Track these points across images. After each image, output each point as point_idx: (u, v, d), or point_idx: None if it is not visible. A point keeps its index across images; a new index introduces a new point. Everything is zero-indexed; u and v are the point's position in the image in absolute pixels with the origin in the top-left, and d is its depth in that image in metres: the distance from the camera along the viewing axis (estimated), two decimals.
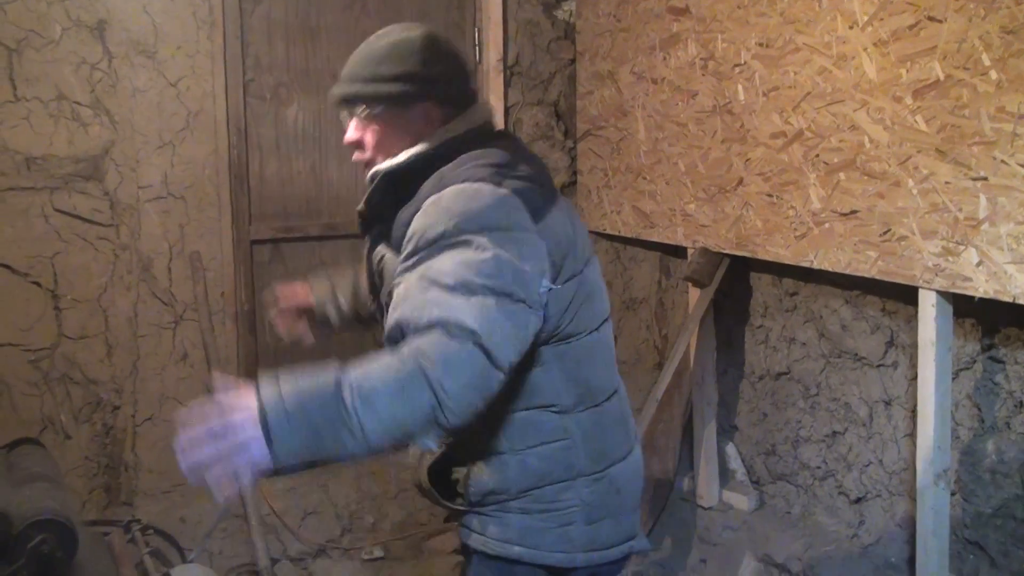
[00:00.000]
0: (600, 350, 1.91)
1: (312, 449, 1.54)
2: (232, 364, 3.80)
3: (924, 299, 2.70)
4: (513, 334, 1.64)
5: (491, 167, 1.78)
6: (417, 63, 1.86)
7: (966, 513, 2.84)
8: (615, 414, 1.93)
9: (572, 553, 1.85)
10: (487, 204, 1.70)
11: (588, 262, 1.91)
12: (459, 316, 1.58)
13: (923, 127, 2.63)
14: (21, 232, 3.38)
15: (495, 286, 1.62)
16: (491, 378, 1.60)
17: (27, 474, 2.90)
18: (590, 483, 1.86)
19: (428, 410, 1.54)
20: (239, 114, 3.75)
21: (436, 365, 1.54)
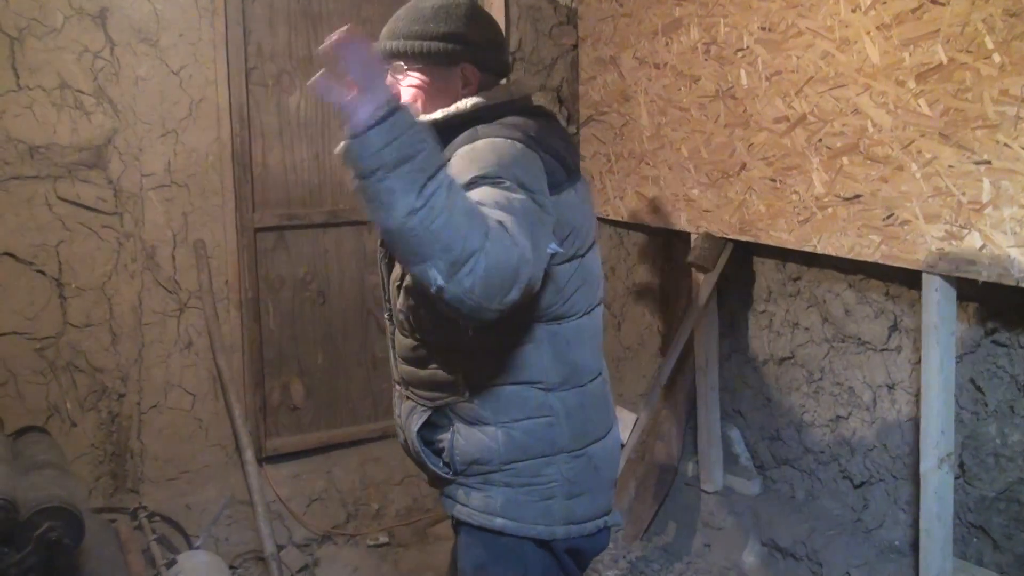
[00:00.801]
0: (590, 333, 1.95)
1: (388, 164, 1.45)
2: (237, 351, 3.81)
3: (927, 283, 2.70)
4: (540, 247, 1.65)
5: (523, 133, 1.80)
6: (462, 25, 1.90)
7: (969, 497, 2.84)
8: (598, 395, 1.98)
9: (552, 526, 1.90)
10: (519, 158, 1.72)
11: (591, 248, 1.93)
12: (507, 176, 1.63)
13: (926, 111, 2.62)
14: (25, 221, 3.39)
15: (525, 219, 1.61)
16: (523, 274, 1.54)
17: (34, 462, 2.91)
18: (570, 460, 1.91)
19: (475, 245, 1.45)
20: (242, 102, 3.75)
21: (512, 226, 1.53)
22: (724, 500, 3.65)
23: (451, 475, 1.93)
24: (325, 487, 3.91)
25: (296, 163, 3.92)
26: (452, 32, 1.89)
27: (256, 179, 3.83)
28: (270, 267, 3.91)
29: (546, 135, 1.85)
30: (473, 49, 1.91)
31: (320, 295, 4.02)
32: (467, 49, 1.90)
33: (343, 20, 3.92)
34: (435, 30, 1.89)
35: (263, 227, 3.86)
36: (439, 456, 1.95)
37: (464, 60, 1.91)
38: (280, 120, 3.88)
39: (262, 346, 3.90)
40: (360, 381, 4.12)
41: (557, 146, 1.85)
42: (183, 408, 3.74)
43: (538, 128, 1.85)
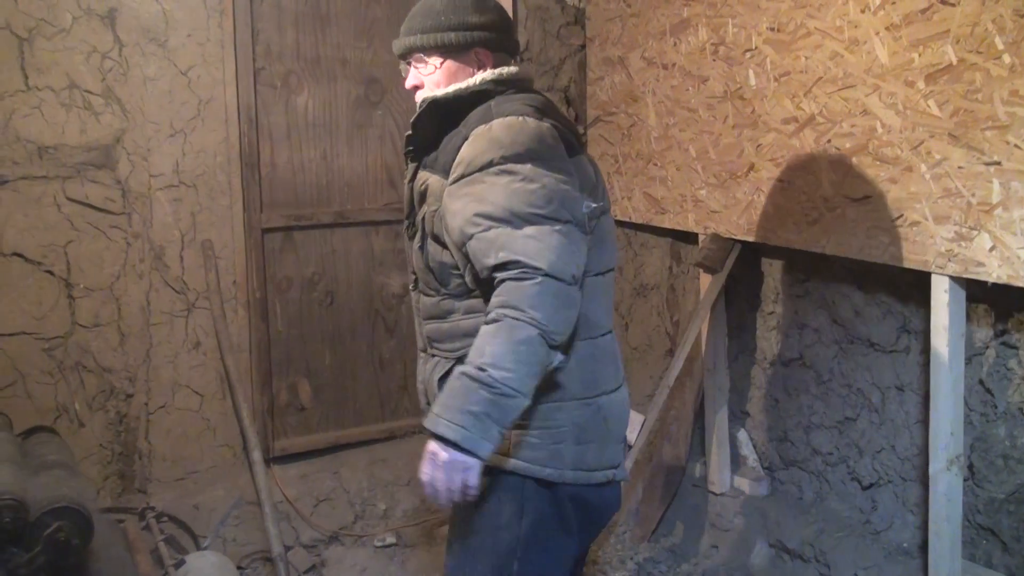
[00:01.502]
0: (602, 292, 2.10)
1: (497, 431, 1.82)
2: (244, 352, 3.82)
3: (937, 285, 2.70)
4: (570, 251, 1.86)
5: (533, 107, 2.01)
6: (470, 13, 2.11)
7: (979, 499, 2.83)
8: (608, 350, 2.11)
9: (562, 469, 2.02)
10: (532, 135, 1.92)
11: (605, 212, 2.10)
12: (521, 255, 1.83)
13: (936, 112, 2.61)
14: (34, 221, 3.40)
15: (547, 213, 1.86)
16: (568, 293, 1.85)
17: (43, 462, 2.92)
18: (580, 407, 2.04)
19: (539, 339, 1.81)
20: (250, 102, 3.75)
21: (523, 307, 1.80)
22: (732, 501, 3.65)
23: None
24: (333, 488, 3.91)
25: (304, 163, 3.93)
26: (462, 21, 2.09)
27: (264, 179, 3.84)
28: (278, 267, 3.91)
29: (551, 110, 2.07)
30: (483, 33, 2.10)
31: (328, 295, 4.02)
32: (477, 34, 2.10)
33: (351, 21, 3.93)
34: (447, 22, 2.09)
35: (271, 227, 3.87)
36: None
37: (476, 45, 2.11)
38: (288, 120, 3.88)
39: (270, 346, 3.91)
40: (368, 382, 4.12)
41: (561, 120, 2.05)
42: (191, 408, 3.74)
43: (544, 103, 2.09)
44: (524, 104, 2.02)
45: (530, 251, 1.82)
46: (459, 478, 1.83)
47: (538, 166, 1.89)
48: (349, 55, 3.97)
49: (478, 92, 2.07)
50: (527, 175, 1.87)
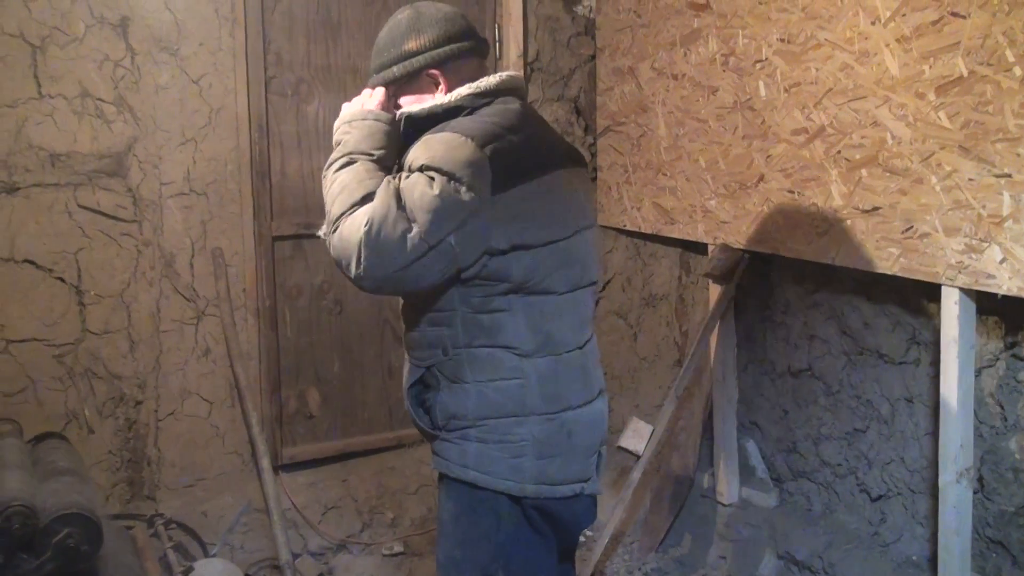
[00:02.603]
0: (570, 311, 2.12)
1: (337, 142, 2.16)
2: (254, 359, 3.82)
3: (947, 296, 2.69)
4: (394, 243, 1.92)
5: (492, 124, 2.02)
6: (405, 41, 2.14)
7: (988, 512, 2.82)
8: (574, 367, 2.13)
9: (522, 483, 2.07)
10: (464, 159, 1.93)
11: (573, 234, 2.11)
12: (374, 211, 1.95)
13: (946, 123, 2.61)
14: (45, 228, 3.41)
15: (419, 217, 1.92)
16: (412, 249, 1.92)
17: (52, 468, 2.92)
18: (542, 422, 2.07)
19: (336, 214, 2.02)
20: (261, 111, 3.76)
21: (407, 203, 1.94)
22: (740, 512, 3.64)
23: (433, 429, 2.13)
24: (341, 496, 3.91)
25: (314, 172, 3.93)
26: (400, 53, 2.14)
27: (274, 188, 3.85)
28: (287, 275, 3.92)
29: (511, 129, 2.04)
30: (426, 54, 2.12)
31: (337, 304, 4.02)
32: (422, 56, 2.13)
33: (362, 30, 3.94)
34: (389, 57, 2.16)
35: (281, 235, 3.87)
36: (428, 413, 2.15)
37: (426, 66, 2.13)
38: (299, 129, 3.89)
39: (279, 354, 3.91)
40: (376, 390, 4.12)
41: (517, 140, 2.03)
42: (200, 415, 3.75)
43: (503, 122, 2.05)
44: (486, 122, 2.03)
45: (379, 212, 1.94)
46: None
47: (447, 184, 1.92)
48: (360, 64, 3.98)
49: (454, 108, 2.09)
50: (436, 183, 1.93)
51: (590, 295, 2.21)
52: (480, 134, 1.97)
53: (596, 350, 2.26)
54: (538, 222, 2.02)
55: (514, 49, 4.19)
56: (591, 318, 2.24)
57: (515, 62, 4.19)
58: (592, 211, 2.28)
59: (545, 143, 2.13)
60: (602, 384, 2.26)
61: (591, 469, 2.18)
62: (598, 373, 2.25)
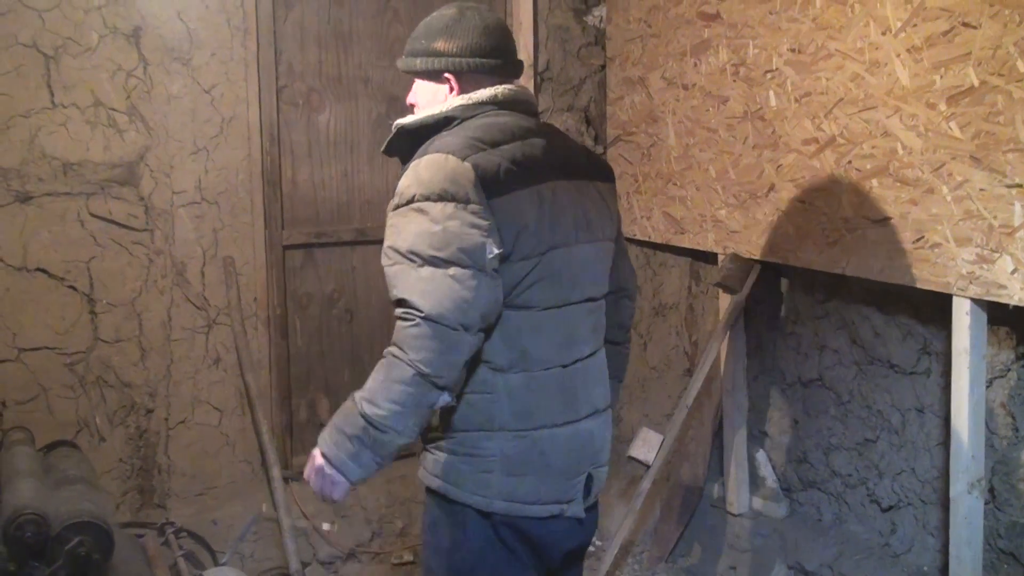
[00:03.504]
0: (552, 327, 2.05)
1: (370, 456, 1.91)
2: (264, 368, 3.83)
3: (958, 307, 2.69)
4: (462, 297, 1.86)
5: (470, 139, 1.98)
6: (439, 38, 2.12)
7: (1000, 523, 2.81)
8: (552, 385, 2.06)
9: (490, 499, 2.03)
10: (448, 175, 1.91)
11: (560, 248, 2.05)
12: (411, 296, 1.87)
13: (957, 134, 2.61)
14: (58, 237, 3.43)
15: (445, 256, 1.87)
16: (452, 338, 1.86)
17: (64, 476, 2.94)
18: (512, 438, 2.02)
19: (418, 380, 1.85)
20: (272, 120, 3.78)
21: (404, 347, 1.86)
22: (750, 522, 3.63)
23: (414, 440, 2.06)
24: (350, 505, 3.91)
25: (325, 181, 3.95)
26: (431, 46, 2.12)
27: (285, 197, 3.86)
28: (298, 284, 3.93)
29: (500, 138, 2.02)
30: (449, 58, 2.10)
31: (347, 312, 4.03)
32: (444, 59, 2.11)
33: (373, 40, 3.96)
34: (420, 47, 2.14)
35: (292, 244, 3.89)
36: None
37: (444, 70, 2.12)
38: (310, 138, 3.91)
39: (289, 363, 3.92)
40: None
41: (506, 150, 2.00)
42: (210, 424, 3.76)
43: (490, 131, 2.03)
44: (460, 137, 1.99)
45: (418, 292, 1.86)
46: (328, 488, 1.96)
47: (448, 207, 1.89)
48: (371, 74, 4.00)
49: (445, 118, 2.08)
50: (435, 216, 1.89)
51: (586, 312, 2.14)
52: (458, 148, 1.95)
53: (596, 368, 2.18)
54: (517, 235, 1.97)
55: (524, 59, 4.17)
56: (590, 336, 2.16)
57: (525, 72, 4.19)
58: (607, 225, 2.21)
59: (536, 155, 2.06)
60: (599, 404, 2.17)
61: (573, 491, 2.10)
62: (596, 392, 2.17)
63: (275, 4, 3.76)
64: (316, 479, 1.98)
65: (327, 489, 1.97)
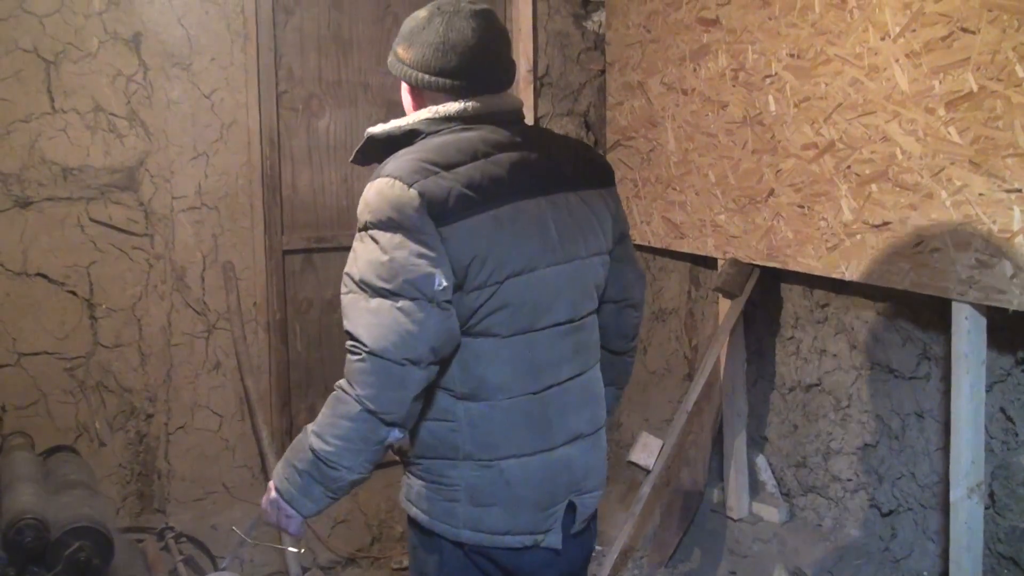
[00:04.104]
0: (515, 355, 1.94)
1: (321, 491, 1.89)
2: (264, 373, 3.83)
3: (957, 312, 2.69)
4: (407, 331, 1.79)
5: (423, 162, 1.86)
6: (402, 43, 2.00)
7: (1000, 528, 2.81)
8: (518, 414, 1.95)
9: (456, 528, 1.95)
10: (393, 203, 1.81)
11: (522, 275, 1.91)
12: (357, 330, 1.82)
13: (956, 139, 2.62)
14: (58, 242, 3.43)
15: (393, 288, 1.79)
16: (398, 374, 1.80)
17: (64, 481, 2.94)
18: (476, 468, 1.93)
19: (365, 416, 1.82)
20: (272, 125, 3.79)
21: (351, 382, 1.83)
22: (750, 527, 3.63)
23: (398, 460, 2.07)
24: (350, 509, 3.91)
25: (325, 186, 3.95)
26: (396, 49, 2.02)
27: (285, 202, 3.87)
28: (298, 289, 3.94)
29: (457, 160, 1.87)
30: (405, 68, 1.99)
31: None
32: (402, 67, 2.00)
33: (373, 45, 3.97)
34: (393, 46, 2.03)
35: (291, 249, 3.89)
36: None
37: (401, 78, 2.01)
38: (309, 143, 3.92)
39: (289, 368, 3.92)
40: None
41: (463, 173, 1.86)
42: (210, 429, 3.76)
43: (448, 153, 1.88)
44: (413, 160, 1.86)
45: (363, 326, 1.81)
46: (283, 522, 1.95)
47: (396, 237, 1.81)
48: (371, 79, 4.00)
49: (410, 131, 1.96)
50: (384, 245, 1.81)
51: (559, 336, 1.99)
52: (408, 173, 1.83)
53: (580, 391, 2.05)
54: (469, 264, 1.85)
55: (524, 64, 4.20)
56: (570, 358, 2.02)
57: (525, 77, 4.21)
58: (594, 238, 2.05)
59: (499, 175, 1.90)
60: (582, 429, 2.05)
61: (548, 522, 1.99)
62: (579, 416, 2.04)
63: (275, 9, 3.77)
64: (271, 511, 1.96)
65: (282, 523, 1.96)
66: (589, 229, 2.04)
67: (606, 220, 2.08)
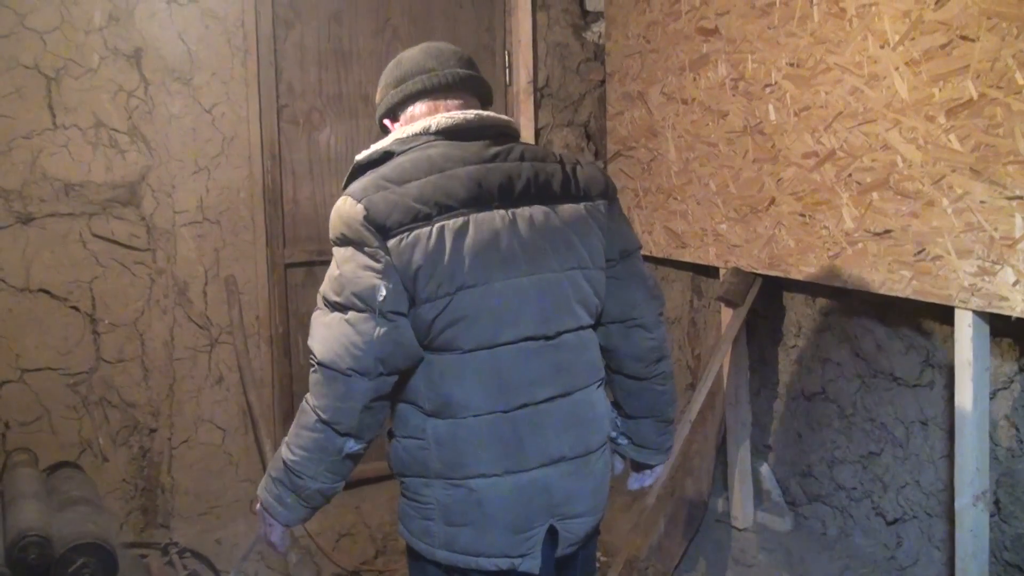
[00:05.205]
0: (480, 371, 1.91)
1: (293, 499, 1.98)
2: (267, 387, 3.83)
3: (960, 319, 2.69)
4: (352, 342, 1.84)
5: (379, 178, 1.91)
6: (379, 83, 2.15)
7: (1005, 535, 2.81)
8: (485, 432, 1.92)
9: (433, 548, 1.97)
10: (344, 220, 1.89)
11: (478, 286, 1.89)
12: (312, 343, 1.90)
13: (957, 146, 2.62)
14: (60, 257, 3.43)
15: (342, 301, 1.87)
16: (344, 384, 1.87)
17: (68, 497, 2.94)
18: (447, 487, 1.94)
19: (320, 426, 1.90)
20: (273, 139, 3.79)
21: (311, 394, 1.92)
22: (755, 537, 3.62)
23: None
24: (354, 522, 3.91)
25: (326, 199, 3.96)
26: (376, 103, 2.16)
27: (287, 215, 3.87)
28: (300, 302, 3.94)
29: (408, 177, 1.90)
30: (379, 108, 2.13)
31: None
32: (378, 110, 2.14)
33: (373, 59, 3.97)
34: None
35: (293, 263, 3.90)
36: None
37: (380, 119, 2.14)
38: (310, 156, 3.92)
39: (292, 381, 3.92)
40: None
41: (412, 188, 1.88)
42: (214, 443, 3.76)
43: (406, 168, 1.92)
44: (369, 178, 1.92)
45: (318, 339, 1.89)
46: (266, 531, 2.06)
47: (347, 251, 1.88)
48: (371, 92, 4.00)
49: (384, 153, 1.99)
50: (337, 261, 1.90)
51: (532, 353, 1.94)
52: (360, 189, 1.89)
53: (564, 413, 1.99)
54: (415, 275, 1.85)
55: (524, 75, 4.21)
56: (551, 378, 1.97)
57: (525, 88, 4.22)
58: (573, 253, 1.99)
59: (452, 188, 1.90)
60: (565, 452, 1.98)
61: (525, 546, 1.95)
62: (561, 438, 1.98)
63: (275, 24, 3.78)
64: (258, 522, 2.07)
65: (266, 532, 2.06)
66: (564, 243, 1.98)
67: (591, 235, 2.03)
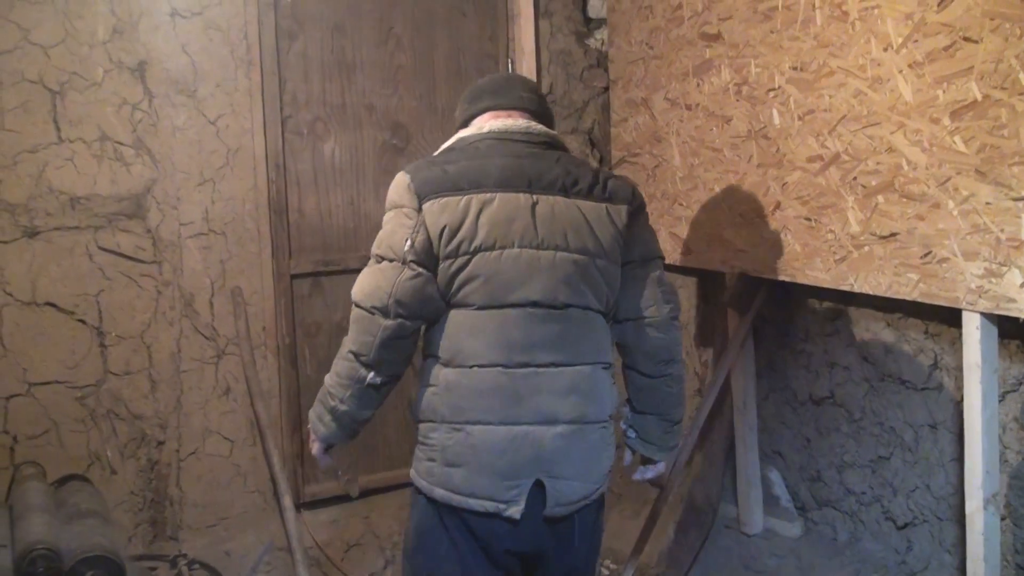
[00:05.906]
0: (489, 327, 2.20)
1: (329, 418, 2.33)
2: (275, 398, 3.83)
3: (968, 321, 2.68)
4: (377, 284, 2.20)
5: (429, 159, 2.31)
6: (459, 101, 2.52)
7: (1016, 538, 2.79)
8: (488, 383, 2.19)
9: (432, 486, 2.24)
10: (394, 187, 2.27)
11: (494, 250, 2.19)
12: (353, 287, 2.27)
13: (962, 148, 2.61)
14: (67, 271, 3.44)
15: (378, 252, 2.24)
16: (367, 320, 2.21)
17: (76, 510, 2.93)
18: (449, 430, 2.21)
19: (349, 355, 2.26)
20: (277, 150, 3.80)
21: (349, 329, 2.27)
22: (765, 542, 3.61)
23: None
24: (363, 533, 3.90)
25: (331, 209, 3.96)
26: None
27: (292, 226, 3.87)
28: (306, 313, 3.94)
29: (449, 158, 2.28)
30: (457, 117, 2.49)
31: None
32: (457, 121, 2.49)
33: (377, 68, 3.98)
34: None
35: (299, 273, 3.89)
36: None
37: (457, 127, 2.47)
38: (315, 167, 3.92)
39: (299, 392, 3.92)
40: (397, 426, 4.12)
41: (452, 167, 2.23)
42: (221, 454, 3.75)
43: (455, 155, 2.30)
44: (428, 158, 2.32)
45: (357, 283, 2.25)
46: (311, 445, 2.41)
47: (391, 213, 2.24)
48: (375, 102, 4.01)
49: (449, 148, 2.37)
50: (384, 221, 2.26)
51: (537, 319, 2.21)
52: (413, 166, 2.27)
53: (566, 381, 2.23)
54: (441, 233, 2.17)
55: None
56: (555, 345, 2.22)
57: None
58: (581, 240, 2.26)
59: (486, 170, 2.23)
60: (561, 416, 2.22)
61: (511, 493, 2.19)
62: (561, 403, 2.21)
63: (278, 35, 3.79)
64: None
65: (311, 446, 2.40)
66: (578, 228, 2.26)
67: (606, 229, 2.30)
